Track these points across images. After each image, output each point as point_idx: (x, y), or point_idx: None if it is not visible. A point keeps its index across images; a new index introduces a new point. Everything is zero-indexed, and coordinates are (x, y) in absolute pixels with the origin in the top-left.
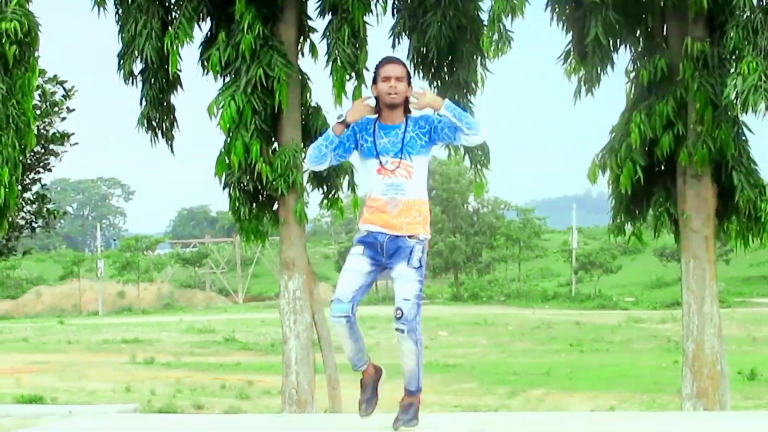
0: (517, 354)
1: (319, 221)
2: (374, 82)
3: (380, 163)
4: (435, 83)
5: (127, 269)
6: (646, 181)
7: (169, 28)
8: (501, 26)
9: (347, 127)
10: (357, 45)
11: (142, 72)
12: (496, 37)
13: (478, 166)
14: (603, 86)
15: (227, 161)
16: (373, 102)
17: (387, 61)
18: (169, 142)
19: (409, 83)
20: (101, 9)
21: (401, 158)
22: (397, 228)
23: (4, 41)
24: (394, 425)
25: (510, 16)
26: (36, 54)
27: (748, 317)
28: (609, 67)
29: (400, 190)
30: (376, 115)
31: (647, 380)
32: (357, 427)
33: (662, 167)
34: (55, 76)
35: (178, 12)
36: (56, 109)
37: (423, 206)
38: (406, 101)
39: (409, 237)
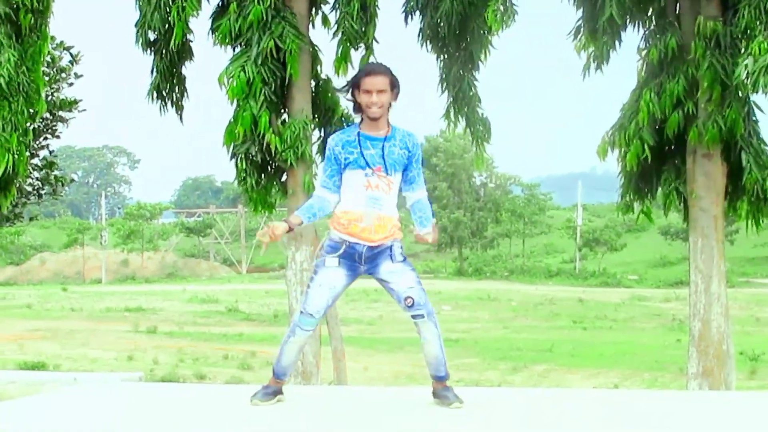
0: (520, 330)
1: None
2: (355, 88)
3: (365, 174)
4: (442, 57)
5: (131, 238)
6: (655, 159)
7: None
8: None
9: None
10: (366, 19)
11: (153, 42)
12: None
13: (479, 141)
14: (612, 63)
15: (236, 131)
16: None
17: (368, 72)
18: (179, 112)
19: (393, 87)
20: None
21: (386, 173)
22: (377, 241)
23: (21, 11)
24: (443, 402)
25: None
26: (48, 21)
27: (752, 298)
28: (618, 44)
29: (378, 204)
30: (358, 123)
31: (649, 358)
32: (363, 400)
33: (672, 146)
34: (62, 42)
35: None
36: (63, 74)
37: (396, 222)
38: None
39: (386, 239)
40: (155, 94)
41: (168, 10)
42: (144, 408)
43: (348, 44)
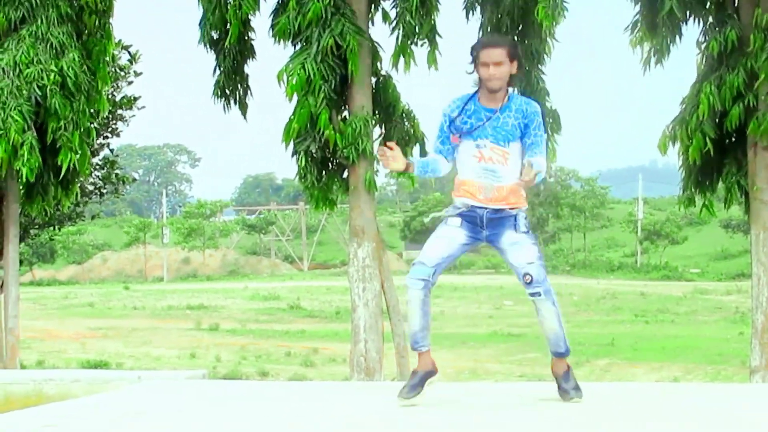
0: (582, 324)
1: (384, 189)
2: (473, 62)
3: (477, 146)
4: None
5: (192, 236)
6: (716, 152)
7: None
8: None
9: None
10: (424, 14)
11: (216, 41)
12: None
13: (549, 132)
14: (672, 57)
15: (292, 128)
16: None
17: (484, 45)
18: (243, 111)
19: (513, 59)
20: None
21: (500, 144)
22: (497, 203)
23: (85, 12)
24: (563, 397)
25: None
26: (111, 21)
27: None
28: (678, 39)
29: (494, 175)
30: (475, 92)
31: (712, 352)
32: (425, 396)
33: (733, 139)
34: (120, 41)
35: None
36: (123, 73)
37: (519, 190)
38: (511, 79)
39: (510, 208)
40: (219, 93)
41: (227, 9)
42: (209, 405)
43: (406, 39)
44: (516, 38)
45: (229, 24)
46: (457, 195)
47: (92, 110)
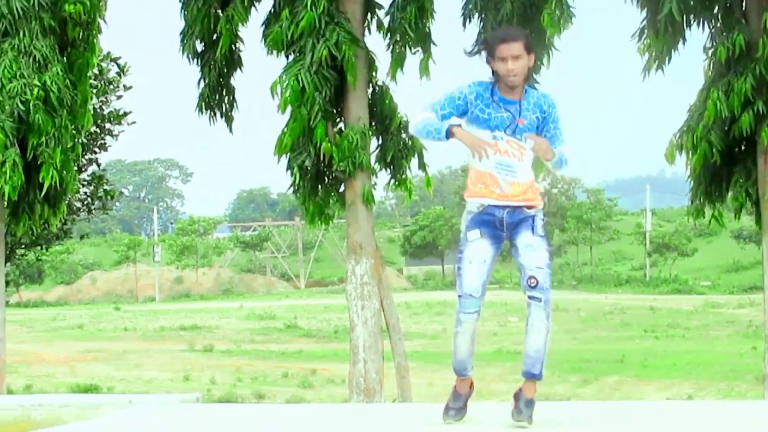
0: (590, 341)
1: (383, 203)
2: (489, 56)
3: (494, 137)
4: None
5: (184, 254)
6: (725, 161)
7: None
8: (564, 1)
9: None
10: (422, 23)
11: (201, 53)
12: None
13: None
14: (680, 63)
15: (285, 141)
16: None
17: (501, 39)
18: (229, 124)
19: (530, 51)
20: None
21: (517, 137)
22: (513, 199)
23: (68, 24)
24: (517, 417)
25: None
26: (95, 33)
27: None
28: (681, 44)
29: (511, 171)
30: (493, 82)
31: (725, 367)
32: (428, 418)
33: (742, 147)
34: (108, 53)
35: None
36: (111, 86)
37: (535, 186)
38: (528, 72)
39: (528, 208)
40: (203, 106)
41: (215, 20)
42: (204, 430)
43: (403, 49)
44: None
45: (218, 35)
46: (470, 195)
47: (76, 125)
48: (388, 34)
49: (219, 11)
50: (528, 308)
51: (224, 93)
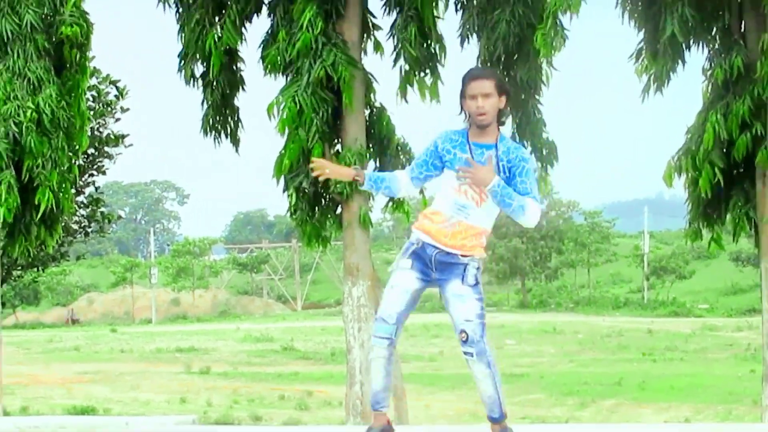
0: (587, 363)
1: (380, 225)
2: (461, 95)
3: (457, 179)
4: None
5: (181, 275)
6: (724, 183)
7: (213, 28)
8: (558, 22)
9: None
10: (426, 44)
11: (202, 75)
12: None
13: (544, 165)
14: (679, 85)
15: (283, 163)
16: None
17: (471, 77)
18: (235, 145)
19: (502, 93)
20: (165, 5)
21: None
22: (450, 246)
23: (65, 46)
24: None
25: (567, 12)
26: (88, 55)
27: None
28: (681, 66)
29: (464, 212)
30: (467, 127)
31: (723, 390)
32: None
33: (741, 169)
34: (107, 75)
35: (230, 11)
36: (110, 109)
37: (483, 235)
38: (500, 115)
39: (462, 255)
40: (208, 128)
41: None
42: None
43: (411, 72)
44: (513, 67)
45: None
46: (415, 227)
47: (73, 147)
48: (393, 54)
49: (215, 32)
50: (466, 362)
51: (228, 113)
